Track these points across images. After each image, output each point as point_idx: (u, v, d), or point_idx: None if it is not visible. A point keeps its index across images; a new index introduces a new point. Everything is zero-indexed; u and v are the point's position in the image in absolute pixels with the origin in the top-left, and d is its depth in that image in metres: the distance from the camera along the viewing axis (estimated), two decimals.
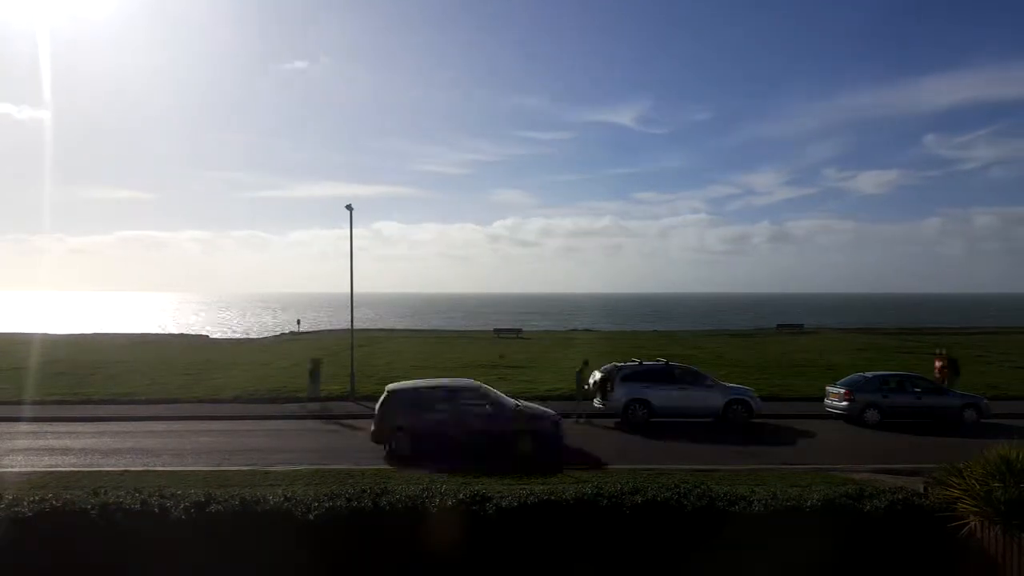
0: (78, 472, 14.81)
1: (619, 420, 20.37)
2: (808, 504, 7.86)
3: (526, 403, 17.72)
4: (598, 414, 20.87)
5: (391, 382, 26.66)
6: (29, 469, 15.29)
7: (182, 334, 72.22)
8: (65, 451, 17.25)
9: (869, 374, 22.11)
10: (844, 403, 20.68)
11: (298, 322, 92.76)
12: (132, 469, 15.16)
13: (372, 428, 16.88)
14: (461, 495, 8.01)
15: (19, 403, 23.74)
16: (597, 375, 21.15)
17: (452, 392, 16.96)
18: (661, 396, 20.28)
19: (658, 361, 22.08)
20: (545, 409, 17.50)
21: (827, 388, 21.86)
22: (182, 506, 7.74)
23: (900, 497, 7.99)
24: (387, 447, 16.55)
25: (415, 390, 17.16)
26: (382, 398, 17.00)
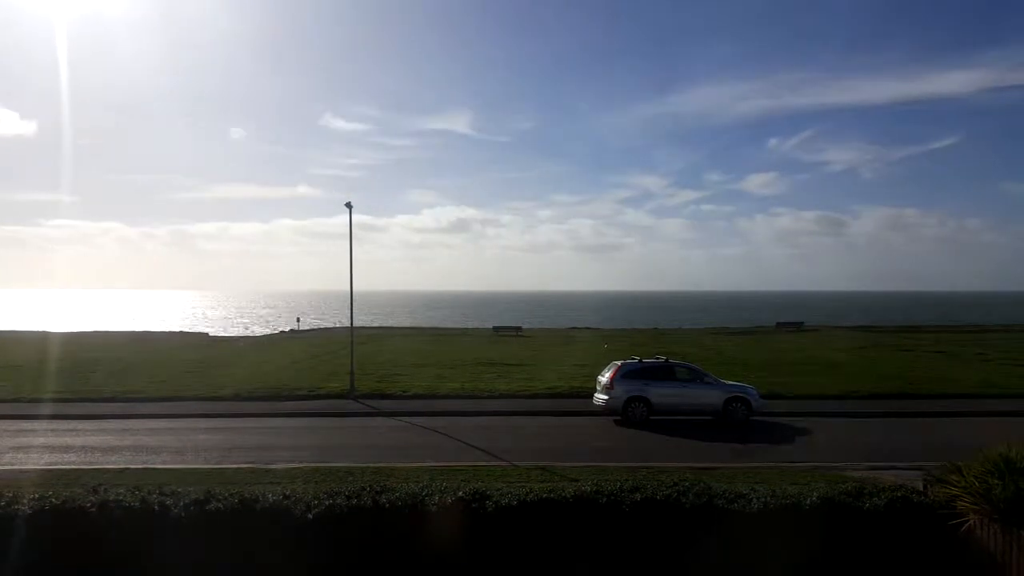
0: (78, 470, 14.80)
1: (619, 418, 20.38)
2: (807, 502, 7.87)
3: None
4: (599, 411, 20.89)
5: (392, 379, 26.60)
6: (29, 467, 15.30)
7: (182, 332, 72.23)
8: (65, 449, 17.25)
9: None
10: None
11: (297, 320, 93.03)
12: (132, 467, 15.16)
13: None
14: (461, 493, 8.02)
15: (19, 401, 23.75)
16: (607, 372, 21.13)
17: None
18: (661, 393, 20.27)
19: (658, 358, 22.07)
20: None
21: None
22: (182, 504, 7.75)
23: (899, 495, 8.00)
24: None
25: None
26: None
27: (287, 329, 77.20)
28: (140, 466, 15.25)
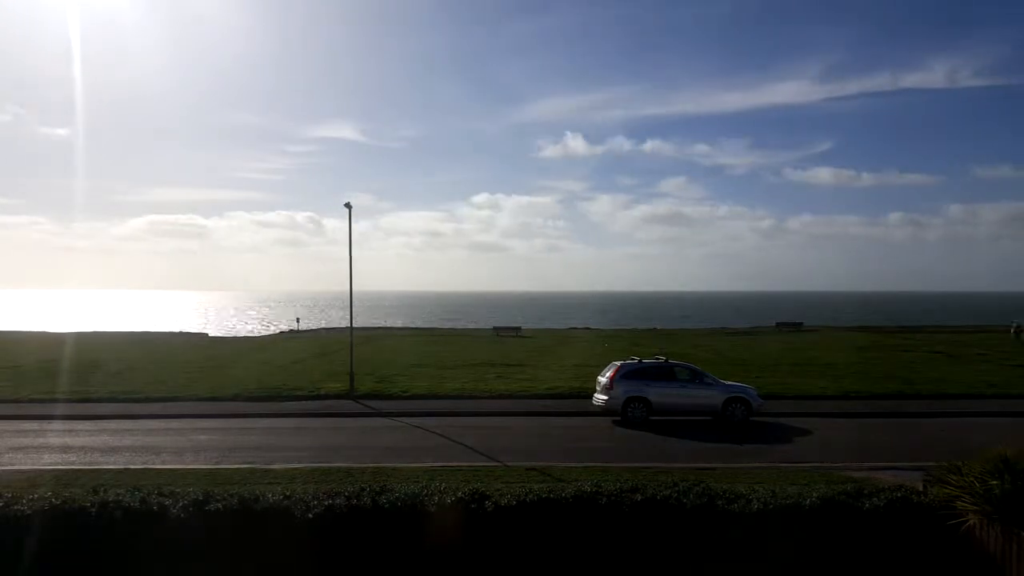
0: (78, 470, 14.80)
1: (618, 418, 20.37)
2: (807, 502, 7.87)
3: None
4: (598, 411, 20.88)
5: (392, 380, 26.57)
6: (29, 467, 15.29)
7: (182, 332, 72.21)
8: (65, 449, 17.24)
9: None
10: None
11: (297, 320, 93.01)
12: (132, 467, 15.15)
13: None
14: (460, 493, 8.02)
15: (18, 401, 23.75)
16: (607, 372, 21.12)
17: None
18: (660, 394, 20.26)
19: (657, 359, 22.07)
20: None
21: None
22: (181, 504, 7.75)
23: (899, 495, 8.00)
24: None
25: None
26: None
27: (287, 329, 77.27)
28: (140, 466, 15.24)
